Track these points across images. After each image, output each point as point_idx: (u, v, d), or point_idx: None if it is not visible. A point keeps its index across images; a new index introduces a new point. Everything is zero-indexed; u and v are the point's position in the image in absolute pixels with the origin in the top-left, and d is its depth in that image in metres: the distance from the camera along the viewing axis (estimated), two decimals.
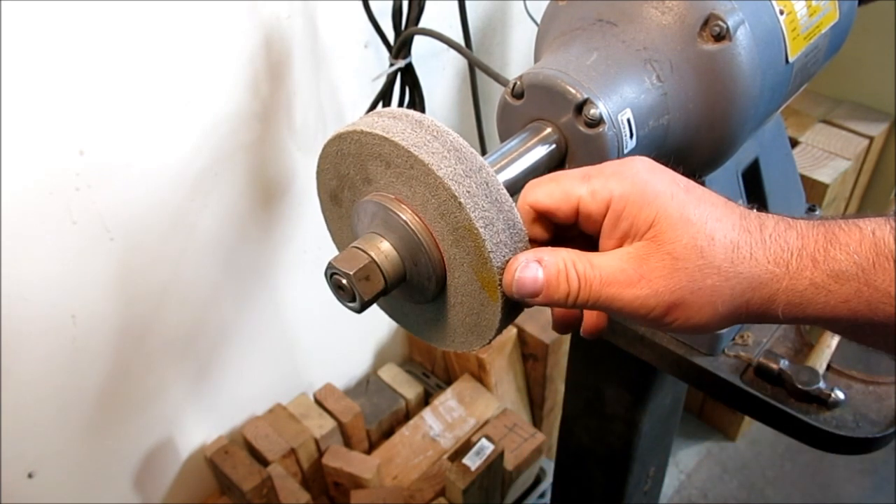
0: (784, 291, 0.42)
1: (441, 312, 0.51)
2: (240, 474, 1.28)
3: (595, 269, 0.43)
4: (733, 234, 0.43)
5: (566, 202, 0.45)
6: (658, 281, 0.42)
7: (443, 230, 0.46)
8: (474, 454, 1.34)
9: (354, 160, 0.49)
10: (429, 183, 0.45)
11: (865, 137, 1.55)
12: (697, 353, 0.76)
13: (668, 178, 0.44)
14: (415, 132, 0.45)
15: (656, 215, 0.42)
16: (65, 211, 0.93)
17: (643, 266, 0.42)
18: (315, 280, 1.14)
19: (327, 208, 0.56)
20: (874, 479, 1.81)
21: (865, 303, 0.40)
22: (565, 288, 0.44)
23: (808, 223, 0.43)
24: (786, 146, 0.84)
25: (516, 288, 0.44)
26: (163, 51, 0.93)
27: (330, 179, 0.53)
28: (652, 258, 0.42)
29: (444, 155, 0.44)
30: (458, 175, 0.44)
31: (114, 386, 1.12)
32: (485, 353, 1.48)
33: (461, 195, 0.43)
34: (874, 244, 0.40)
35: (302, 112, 1.15)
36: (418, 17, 1.00)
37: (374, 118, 0.48)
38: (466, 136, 0.48)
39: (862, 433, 0.69)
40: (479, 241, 0.44)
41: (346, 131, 0.48)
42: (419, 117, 0.46)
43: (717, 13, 0.57)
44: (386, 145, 0.46)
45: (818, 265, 0.41)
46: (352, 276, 0.46)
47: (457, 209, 0.44)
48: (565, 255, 0.44)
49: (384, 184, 0.48)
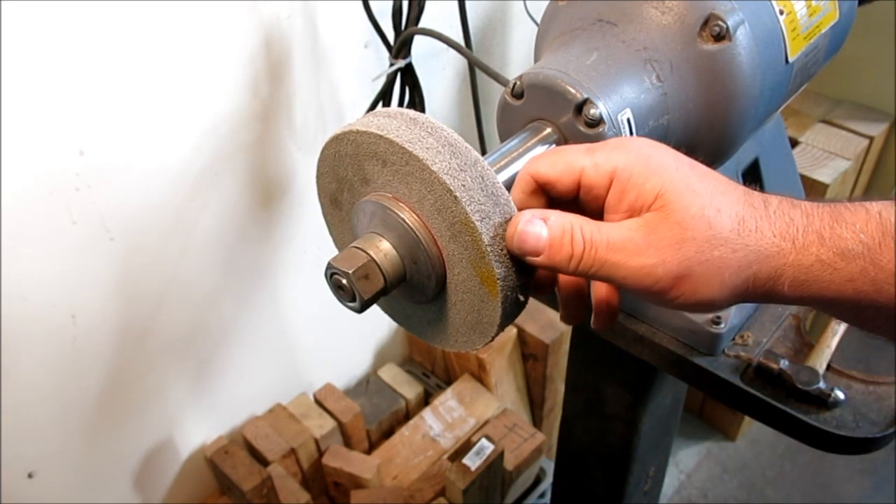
0: (791, 266, 0.41)
1: (442, 312, 0.51)
2: (240, 474, 1.28)
3: (602, 234, 0.43)
4: (738, 207, 0.42)
5: (568, 173, 0.45)
6: (666, 250, 0.41)
7: (440, 226, 0.46)
8: (474, 454, 1.34)
9: (352, 161, 0.49)
10: (424, 179, 0.45)
11: (865, 137, 1.55)
12: (697, 353, 0.76)
13: (671, 153, 0.44)
14: (409, 129, 0.45)
15: (662, 185, 0.42)
16: (65, 211, 0.93)
17: (652, 235, 0.42)
18: (315, 280, 1.14)
19: (328, 211, 0.56)
20: (874, 479, 1.81)
21: (870, 282, 0.40)
22: (568, 250, 0.43)
23: (814, 203, 0.43)
24: (786, 146, 0.84)
25: (517, 242, 0.43)
26: (163, 51, 0.93)
27: (329, 182, 0.53)
28: (660, 227, 0.42)
29: (438, 150, 0.44)
30: (452, 169, 0.44)
31: (114, 386, 1.12)
32: (485, 353, 1.48)
33: (456, 189, 0.43)
34: (880, 224, 0.40)
35: (302, 112, 1.15)
36: (418, 17, 1.00)
37: (370, 118, 0.48)
38: (466, 136, 0.48)
39: (862, 433, 0.69)
40: (476, 234, 0.44)
41: (342, 132, 0.48)
42: (414, 115, 0.47)
43: (717, 13, 0.57)
44: (381, 143, 0.46)
45: (825, 242, 0.41)
46: (351, 276, 0.46)
47: (453, 204, 0.44)
48: (572, 218, 0.44)
49: (382, 183, 0.48)
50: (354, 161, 0.49)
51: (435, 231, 0.46)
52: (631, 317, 0.80)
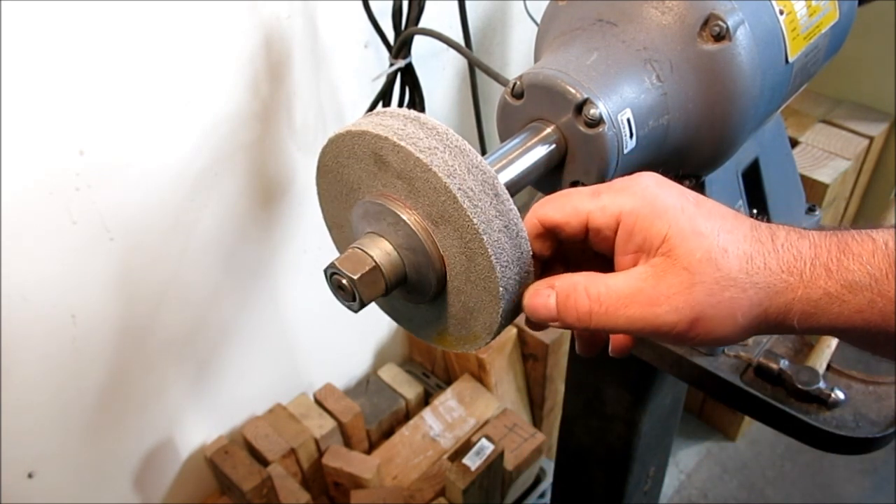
0: (799, 301, 0.42)
1: (442, 312, 0.51)
2: (240, 474, 1.28)
3: (611, 291, 0.43)
4: (745, 245, 0.42)
5: (575, 216, 0.45)
6: (677, 297, 0.42)
7: (441, 227, 0.46)
8: (474, 454, 1.34)
9: (352, 161, 0.49)
10: (424, 179, 0.44)
11: (865, 137, 1.55)
12: (697, 353, 0.76)
13: (677, 191, 0.44)
14: (409, 129, 0.45)
15: (668, 229, 0.42)
16: (65, 211, 0.93)
17: (660, 284, 0.42)
18: (315, 280, 1.14)
19: (328, 212, 0.56)
20: (874, 479, 1.81)
21: (879, 313, 0.40)
22: (579, 311, 0.44)
23: (821, 233, 0.43)
24: (786, 146, 0.84)
25: (530, 312, 0.45)
26: (163, 51, 0.93)
27: (329, 182, 0.53)
28: (668, 274, 0.42)
29: (438, 150, 0.44)
30: (453, 170, 0.44)
31: (114, 386, 1.12)
32: (485, 353, 1.48)
33: (457, 191, 0.43)
34: (887, 255, 0.40)
35: (302, 112, 1.15)
36: (418, 17, 1.00)
37: (370, 118, 0.48)
38: (466, 136, 0.48)
39: (862, 433, 0.69)
40: (477, 236, 0.44)
41: (342, 132, 0.48)
42: (414, 115, 0.46)
43: (717, 13, 0.57)
44: (381, 144, 0.46)
45: (832, 275, 0.41)
46: (352, 276, 0.46)
47: (453, 205, 0.44)
48: (578, 279, 0.44)
49: (382, 183, 0.48)
50: (354, 161, 0.49)
51: (435, 231, 0.46)
52: None
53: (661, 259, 0.42)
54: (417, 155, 0.44)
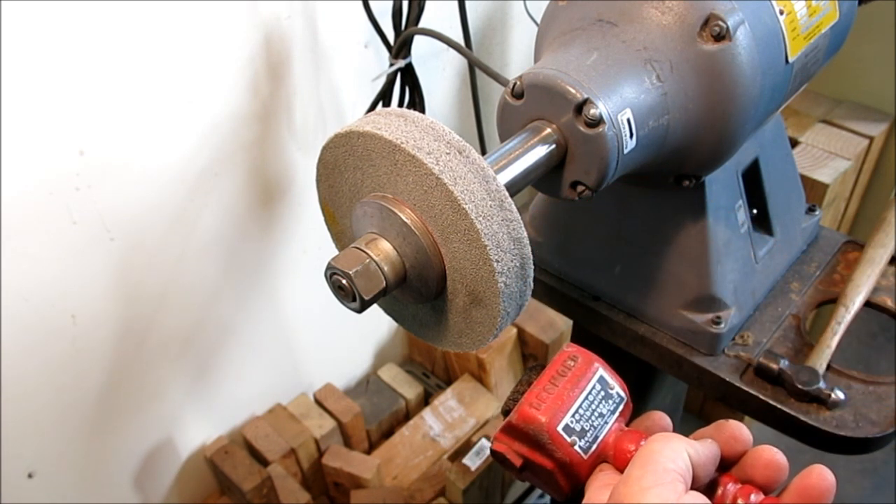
0: None
1: (442, 312, 0.51)
2: (240, 474, 1.28)
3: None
4: None
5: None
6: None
7: (441, 228, 0.46)
8: (474, 454, 1.34)
9: (352, 161, 0.49)
10: (425, 180, 0.44)
11: (865, 137, 1.55)
12: (697, 353, 0.76)
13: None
14: (409, 130, 0.45)
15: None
16: (65, 211, 0.93)
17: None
18: (315, 280, 1.14)
19: (328, 212, 0.56)
20: (874, 479, 1.80)
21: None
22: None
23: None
24: (786, 146, 0.84)
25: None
26: (163, 51, 0.93)
27: (329, 182, 0.53)
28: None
29: (438, 151, 0.44)
30: (453, 171, 0.44)
31: (114, 386, 1.12)
32: (485, 353, 1.48)
33: (457, 191, 0.43)
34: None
35: (302, 112, 1.15)
36: (418, 17, 1.00)
37: (370, 118, 0.48)
38: (466, 136, 0.48)
39: (862, 433, 0.69)
40: (477, 236, 0.44)
41: (342, 133, 0.48)
42: (414, 115, 0.47)
43: (717, 13, 0.57)
44: (381, 144, 0.46)
45: None
46: (352, 276, 0.46)
47: (453, 205, 0.44)
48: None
49: (382, 183, 0.48)
50: (354, 161, 0.49)
51: (435, 232, 0.46)
52: (631, 317, 0.80)
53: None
54: (417, 155, 0.44)
